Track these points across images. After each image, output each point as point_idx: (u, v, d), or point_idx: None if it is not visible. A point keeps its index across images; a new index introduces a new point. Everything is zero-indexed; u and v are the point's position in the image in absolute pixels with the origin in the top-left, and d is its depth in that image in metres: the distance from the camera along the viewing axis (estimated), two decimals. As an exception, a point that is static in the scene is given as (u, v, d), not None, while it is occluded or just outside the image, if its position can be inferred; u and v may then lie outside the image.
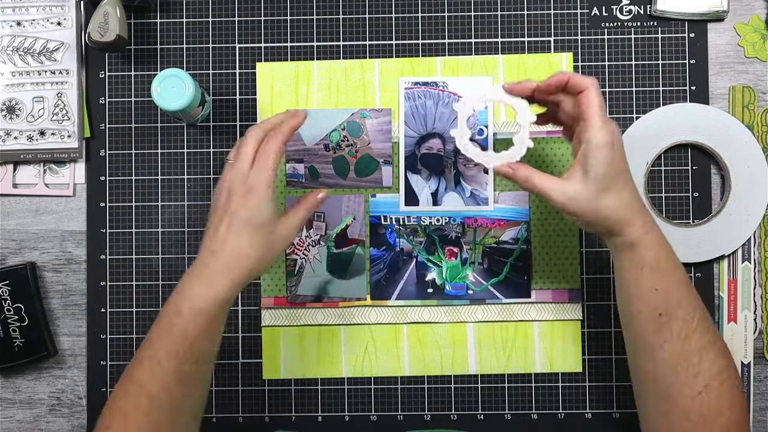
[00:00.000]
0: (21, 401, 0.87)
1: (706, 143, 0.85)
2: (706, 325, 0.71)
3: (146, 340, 0.70)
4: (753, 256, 0.86)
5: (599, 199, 0.69)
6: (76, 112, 0.86)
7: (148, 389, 0.68)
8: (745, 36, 0.87)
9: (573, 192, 0.69)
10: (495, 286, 0.85)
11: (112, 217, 0.87)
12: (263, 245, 0.71)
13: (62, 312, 0.87)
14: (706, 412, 0.68)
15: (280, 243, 0.72)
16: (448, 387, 0.86)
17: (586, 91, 0.70)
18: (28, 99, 0.87)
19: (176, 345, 0.68)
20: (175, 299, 0.69)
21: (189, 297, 0.69)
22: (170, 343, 0.68)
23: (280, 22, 0.88)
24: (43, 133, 0.86)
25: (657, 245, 0.70)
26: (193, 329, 0.68)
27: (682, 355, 0.69)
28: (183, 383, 0.69)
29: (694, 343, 0.69)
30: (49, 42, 0.86)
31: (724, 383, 0.69)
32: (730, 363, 0.71)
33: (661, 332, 0.70)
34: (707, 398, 0.68)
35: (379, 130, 0.86)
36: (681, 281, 0.71)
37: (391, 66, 0.87)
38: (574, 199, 0.69)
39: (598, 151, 0.68)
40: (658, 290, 0.70)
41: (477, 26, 0.88)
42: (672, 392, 0.70)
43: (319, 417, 0.86)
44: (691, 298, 0.71)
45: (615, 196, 0.69)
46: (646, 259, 0.70)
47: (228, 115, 0.88)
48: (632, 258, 0.70)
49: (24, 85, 0.87)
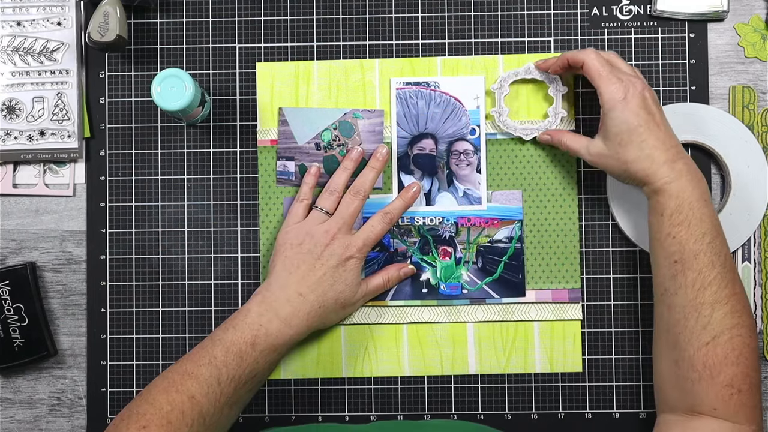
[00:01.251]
0: (21, 401, 0.87)
1: (706, 143, 0.85)
2: (727, 280, 0.72)
3: (208, 355, 0.73)
4: (753, 256, 0.86)
5: (620, 154, 0.74)
6: (76, 112, 0.86)
7: (201, 406, 0.70)
8: (745, 36, 0.87)
9: (596, 150, 0.77)
10: (489, 285, 0.85)
11: (112, 217, 0.87)
12: (346, 304, 0.80)
13: (62, 312, 0.87)
14: (711, 363, 0.70)
15: (359, 303, 0.83)
16: (448, 387, 0.86)
17: (584, 64, 0.77)
18: (28, 99, 0.87)
19: (242, 372, 0.73)
20: (251, 328, 0.74)
21: (268, 332, 0.75)
22: (237, 369, 0.73)
23: (280, 22, 0.88)
24: (43, 133, 0.86)
25: (680, 194, 0.72)
26: (263, 361, 0.75)
27: (694, 305, 0.71)
28: (232, 406, 0.74)
29: (708, 296, 0.71)
30: (49, 42, 0.86)
31: (733, 338, 0.71)
32: (745, 321, 0.72)
33: (676, 279, 0.72)
34: (713, 350, 0.70)
35: (371, 131, 0.86)
36: (705, 233, 0.72)
37: (391, 66, 0.87)
38: (599, 155, 0.77)
39: (610, 111, 0.74)
40: (675, 238, 0.72)
41: (477, 26, 0.88)
42: (681, 340, 0.72)
43: (319, 417, 0.86)
44: (714, 251, 0.72)
45: (635, 149, 0.73)
46: (666, 206, 0.73)
47: (228, 115, 0.88)
48: (655, 204, 0.74)
49: (24, 85, 0.87)
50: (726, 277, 0.72)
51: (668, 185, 0.73)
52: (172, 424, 0.69)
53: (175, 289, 0.87)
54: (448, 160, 0.86)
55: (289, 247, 0.79)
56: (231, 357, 0.72)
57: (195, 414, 0.69)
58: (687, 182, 0.73)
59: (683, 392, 0.72)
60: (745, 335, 0.71)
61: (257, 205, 0.87)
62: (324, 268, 0.78)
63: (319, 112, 0.87)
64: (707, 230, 0.72)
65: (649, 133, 0.73)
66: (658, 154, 0.73)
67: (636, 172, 0.74)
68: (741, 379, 0.70)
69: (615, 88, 0.74)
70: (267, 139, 0.87)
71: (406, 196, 0.84)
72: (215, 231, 0.87)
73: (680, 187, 0.73)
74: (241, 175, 0.87)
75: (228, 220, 0.87)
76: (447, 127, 0.86)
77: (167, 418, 0.69)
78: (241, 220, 0.87)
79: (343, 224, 0.79)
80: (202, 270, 0.87)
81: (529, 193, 0.86)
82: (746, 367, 0.71)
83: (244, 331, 0.74)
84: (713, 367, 0.70)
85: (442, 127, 0.86)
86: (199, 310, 0.87)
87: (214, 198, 0.87)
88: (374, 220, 0.81)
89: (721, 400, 0.70)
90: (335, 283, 0.78)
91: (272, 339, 0.75)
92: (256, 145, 0.87)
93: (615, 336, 0.86)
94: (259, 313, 0.76)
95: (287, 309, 0.76)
